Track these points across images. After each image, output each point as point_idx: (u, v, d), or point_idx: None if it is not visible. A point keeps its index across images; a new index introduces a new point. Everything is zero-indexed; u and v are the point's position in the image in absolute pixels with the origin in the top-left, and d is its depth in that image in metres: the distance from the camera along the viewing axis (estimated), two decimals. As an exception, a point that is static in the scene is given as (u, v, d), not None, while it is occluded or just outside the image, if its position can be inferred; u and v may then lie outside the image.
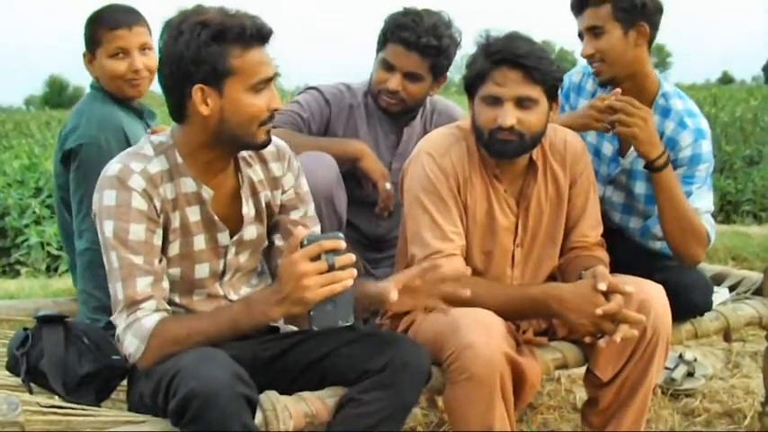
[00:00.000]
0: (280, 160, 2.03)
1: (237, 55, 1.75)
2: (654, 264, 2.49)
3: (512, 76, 2.08)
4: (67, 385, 1.85)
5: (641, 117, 2.33)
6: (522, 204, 2.28)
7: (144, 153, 1.85)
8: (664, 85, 2.56)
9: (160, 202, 1.82)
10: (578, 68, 2.79)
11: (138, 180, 1.79)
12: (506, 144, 2.13)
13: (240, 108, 1.78)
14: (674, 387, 3.13)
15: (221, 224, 1.92)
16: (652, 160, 2.34)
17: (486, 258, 2.29)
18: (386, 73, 2.61)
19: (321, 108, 2.70)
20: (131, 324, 1.76)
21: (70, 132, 2.46)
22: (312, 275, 1.62)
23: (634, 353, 2.15)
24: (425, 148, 2.25)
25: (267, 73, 1.79)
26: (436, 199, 2.19)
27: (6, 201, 7.68)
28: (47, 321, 1.92)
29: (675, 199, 2.38)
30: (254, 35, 1.76)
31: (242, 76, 1.76)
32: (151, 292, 1.78)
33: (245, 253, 2.00)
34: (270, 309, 1.69)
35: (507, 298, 2.12)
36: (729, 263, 4.84)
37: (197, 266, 1.92)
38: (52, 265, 6.27)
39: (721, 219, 7.61)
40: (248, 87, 1.78)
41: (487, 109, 2.12)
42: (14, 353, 1.89)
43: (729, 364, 3.52)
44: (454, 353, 1.93)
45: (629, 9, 2.42)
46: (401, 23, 2.55)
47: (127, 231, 1.77)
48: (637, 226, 2.66)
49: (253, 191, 1.98)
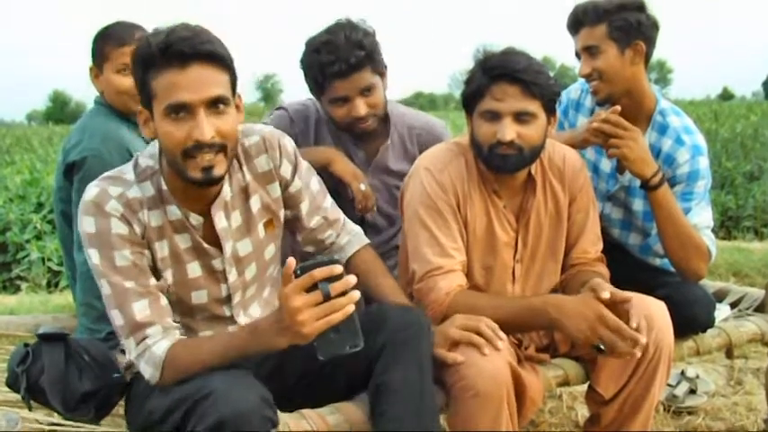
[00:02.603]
0: (267, 151, 1.94)
1: (154, 78, 1.66)
2: (655, 279, 2.49)
3: (510, 91, 2.09)
4: (67, 403, 1.84)
5: (631, 137, 2.34)
6: (521, 220, 2.28)
7: (124, 178, 1.79)
8: (661, 101, 2.56)
9: (141, 227, 1.77)
10: (577, 85, 2.80)
11: (115, 205, 1.74)
12: (506, 158, 2.13)
13: (160, 133, 1.70)
14: (676, 404, 3.11)
15: (213, 250, 1.87)
16: (647, 179, 2.35)
17: (486, 274, 2.28)
18: (343, 107, 2.52)
19: (287, 127, 2.63)
20: (143, 353, 1.74)
21: (73, 146, 2.48)
22: (306, 310, 1.54)
23: (636, 370, 2.14)
24: (424, 164, 2.25)
25: (180, 97, 1.63)
26: (435, 215, 2.19)
27: (8, 216, 7.67)
28: (47, 339, 1.92)
29: (674, 216, 2.38)
30: (168, 56, 1.63)
31: (158, 99, 1.67)
32: (151, 315, 1.75)
33: (250, 267, 1.95)
34: (275, 339, 1.63)
35: (508, 309, 2.11)
36: (730, 279, 4.82)
37: (193, 293, 1.88)
38: (53, 280, 6.26)
39: (722, 234, 7.59)
40: (162, 112, 1.66)
41: (487, 124, 2.13)
42: (14, 369, 1.89)
43: (732, 380, 3.51)
44: (459, 371, 1.92)
45: (625, 28, 2.44)
46: (322, 62, 2.45)
47: (112, 258, 1.74)
48: (636, 242, 2.66)
49: (242, 198, 1.91)
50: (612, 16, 2.44)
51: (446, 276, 2.15)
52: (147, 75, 1.66)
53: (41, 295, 5.48)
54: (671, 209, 2.38)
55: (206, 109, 1.66)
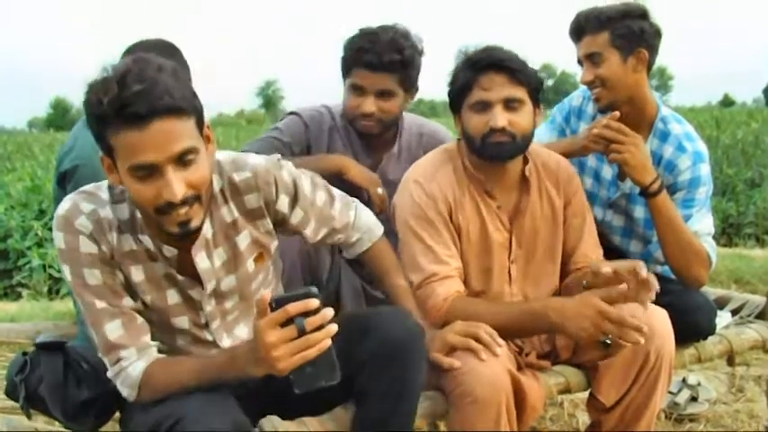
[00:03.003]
0: (258, 189, 1.82)
1: (112, 134, 1.52)
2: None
3: (498, 80, 2.14)
4: (67, 411, 1.84)
5: (632, 143, 2.35)
6: (515, 220, 2.29)
7: (99, 195, 1.72)
8: (662, 108, 2.56)
9: (109, 248, 1.70)
10: (578, 93, 2.80)
11: (85, 222, 1.68)
12: (500, 146, 2.16)
13: (128, 188, 1.60)
14: (677, 411, 3.11)
15: (189, 282, 1.80)
16: (646, 186, 2.35)
17: (484, 276, 2.29)
18: (358, 98, 2.60)
19: (301, 132, 2.70)
20: (118, 373, 1.73)
21: (66, 154, 2.48)
22: (281, 345, 1.48)
23: (638, 378, 2.14)
24: (412, 177, 2.28)
25: (143, 158, 1.51)
26: (426, 224, 2.21)
27: (9, 222, 7.67)
28: (45, 348, 1.91)
29: (674, 223, 2.38)
30: (124, 116, 1.48)
31: (119, 157, 1.55)
32: (124, 336, 1.71)
33: (231, 298, 1.89)
34: (251, 368, 1.57)
35: (508, 314, 2.11)
36: (732, 286, 4.82)
37: (173, 319, 1.84)
38: (54, 287, 6.25)
39: (723, 242, 7.59)
40: (126, 171, 1.55)
41: (477, 115, 2.17)
42: (13, 378, 1.88)
43: (733, 388, 3.50)
44: (457, 377, 1.92)
45: (627, 36, 2.44)
46: (360, 47, 2.55)
47: (83, 276, 1.70)
48: (637, 249, 2.66)
49: (226, 236, 1.82)
50: (615, 24, 2.44)
51: (443, 282, 2.16)
52: (104, 131, 1.53)
53: (42, 302, 5.48)
54: (670, 216, 2.38)
55: (174, 164, 1.54)
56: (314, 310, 1.50)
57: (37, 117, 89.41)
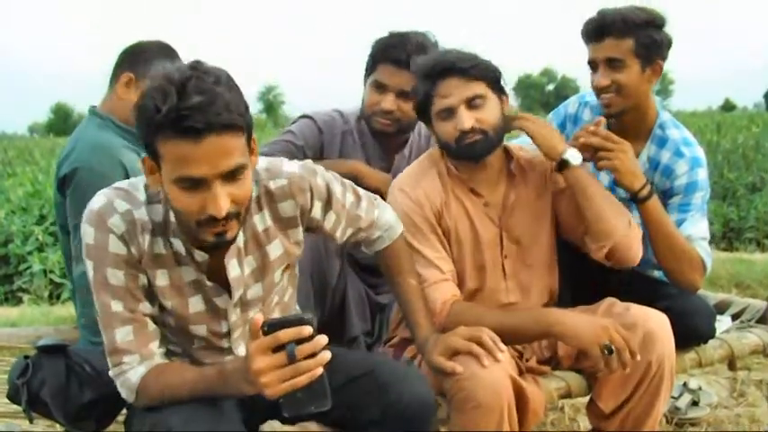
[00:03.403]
0: (293, 197, 1.82)
1: (162, 142, 1.51)
2: (655, 291, 2.48)
3: (453, 83, 2.18)
4: (69, 414, 1.84)
5: (621, 149, 2.34)
6: (504, 216, 2.30)
7: (135, 195, 1.70)
8: (661, 114, 2.56)
9: (138, 251, 1.69)
10: (575, 99, 2.80)
11: (118, 222, 1.67)
12: (474, 146, 2.19)
13: (170, 195, 1.58)
14: (678, 416, 3.10)
15: (217, 289, 1.80)
16: (635, 192, 2.34)
17: (478, 274, 2.30)
18: (378, 94, 2.64)
19: (314, 135, 2.72)
20: (118, 376, 1.73)
21: (65, 158, 2.47)
22: (270, 372, 1.45)
23: (639, 386, 2.13)
24: (397, 186, 2.31)
25: (193, 172, 1.51)
26: (415, 231, 2.22)
27: (10, 228, 7.68)
28: (47, 351, 1.92)
29: (665, 228, 2.37)
30: (180, 129, 1.47)
31: (167, 165, 1.54)
32: (132, 343, 1.71)
33: (255, 307, 1.88)
34: (241, 386, 1.54)
35: (510, 319, 2.12)
36: (732, 290, 4.81)
37: (192, 326, 1.82)
38: (55, 292, 6.26)
39: (724, 246, 7.59)
40: (172, 180, 1.54)
41: (445, 123, 2.21)
42: (15, 382, 1.89)
43: (734, 392, 3.49)
44: (459, 382, 1.92)
45: (650, 45, 2.40)
46: (389, 43, 2.60)
47: (105, 276, 1.68)
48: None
49: (257, 244, 1.82)
50: (640, 31, 2.38)
51: (437, 287, 2.17)
52: (154, 138, 1.52)
53: (43, 307, 5.48)
54: (661, 221, 2.37)
55: (221, 180, 1.54)
56: (307, 337, 1.47)
57: (38, 122, 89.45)
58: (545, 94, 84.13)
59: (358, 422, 1.76)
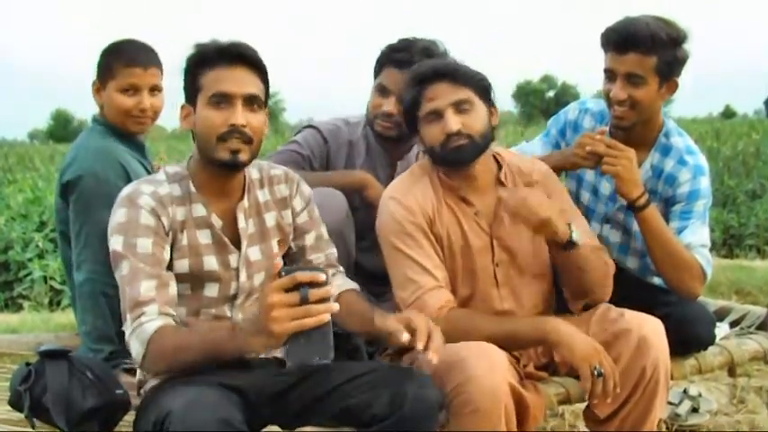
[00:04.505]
0: (287, 182, 2.15)
1: (205, 73, 1.92)
2: (655, 298, 2.49)
3: (441, 87, 2.21)
4: (71, 420, 1.85)
5: (625, 157, 2.35)
6: (495, 225, 2.30)
7: (156, 179, 1.98)
8: (667, 122, 2.57)
9: (168, 221, 1.92)
10: (575, 105, 2.80)
11: (147, 199, 1.90)
12: (460, 149, 2.21)
13: (200, 120, 1.93)
14: (678, 423, 3.10)
15: (231, 246, 2.00)
16: (633, 200, 2.36)
17: (470, 280, 2.30)
18: (381, 98, 2.65)
19: (320, 145, 2.74)
20: (135, 329, 1.79)
21: (68, 165, 2.48)
22: (281, 307, 1.54)
23: (634, 391, 2.13)
24: (389, 194, 2.32)
25: (224, 88, 1.90)
26: (407, 238, 2.23)
27: (10, 234, 7.68)
28: (50, 356, 1.92)
29: (663, 236, 2.38)
30: (220, 55, 1.91)
31: (204, 90, 1.92)
32: (154, 294, 1.82)
33: (258, 275, 2.04)
34: (250, 339, 1.62)
35: (507, 326, 2.13)
36: (733, 297, 4.81)
37: (207, 284, 1.97)
38: (55, 299, 6.26)
39: (724, 253, 7.59)
40: (207, 100, 1.91)
41: (431, 126, 2.23)
42: (17, 388, 1.89)
43: (734, 399, 3.49)
44: (458, 386, 1.92)
45: (671, 63, 2.38)
46: (394, 47, 2.63)
47: (135, 245, 1.85)
48: (633, 266, 2.67)
49: (257, 211, 2.07)
50: (665, 50, 2.35)
51: (432, 293, 2.18)
52: (200, 71, 1.92)
53: (43, 314, 5.48)
54: (659, 229, 2.38)
55: (243, 103, 1.90)
56: (319, 283, 1.56)
57: (38, 128, 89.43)
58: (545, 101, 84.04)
59: (362, 421, 1.78)
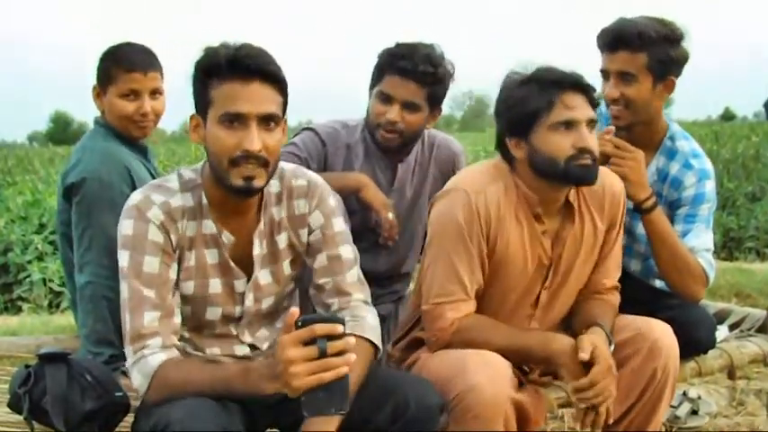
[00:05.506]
0: (307, 197, 1.96)
1: (215, 86, 1.75)
2: (657, 301, 2.49)
3: (579, 99, 2.05)
4: (70, 422, 1.84)
5: (633, 158, 2.35)
6: (556, 248, 2.20)
7: (169, 186, 1.85)
8: (672, 125, 2.57)
9: (177, 237, 1.82)
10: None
11: (157, 212, 1.79)
12: (588, 169, 2.06)
13: (210, 138, 1.77)
14: (678, 425, 3.10)
15: (238, 271, 1.90)
16: (640, 201, 2.35)
17: (508, 298, 2.22)
18: (384, 105, 2.59)
19: (317, 148, 2.70)
20: (138, 361, 1.75)
21: (72, 167, 2.47)
22: (299, 363, 1.49)
23: (644, 392, 2.13)
24: (461, 185, 2.16)
25: (237, 108, 1.72)
26: (459, 244, 2.11)
27: (9, 237, 7.68)
28: (49, 359, 1.92)
29: (668, 240, 2.38)
30: (233, 67, 1.72)
31: (215, 106, 1.75)
32: (158, 327, 1.76)
33: (267, 299, 1.96)
34: (263, 383, 1.59)
35: (518, 339, 2.10)
36: (732, 300, 4.82)
37: (209, 308, 1.90)
38: (54, 301, 6.26)
39: (724, 255, 7.59)
40: (217, 119, 1.74)
41: (559, 135, 2.05)
42: (16, 391, 1.89)
43: (734, 401, 3.49)
44: (460, 394, 1.91)
45: (664, 62, 2.38)
46: (397, 54, 2.56)
47: (141, 263, 1.77)
48: (637, 268, 2.66)
49: (270, 231, 1.94)
50: (656, 47, 2.35)
51: (455, 306, 2.11)
52: (209, 82, 1.75)
53: (43, 316, 5.48)
54: (665, 232, 2.38)
55: (258, 123, 1.73)
56: (337, 335, 1.51)
57: (37, 131, 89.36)
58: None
59: (365, 427, 1.75)
